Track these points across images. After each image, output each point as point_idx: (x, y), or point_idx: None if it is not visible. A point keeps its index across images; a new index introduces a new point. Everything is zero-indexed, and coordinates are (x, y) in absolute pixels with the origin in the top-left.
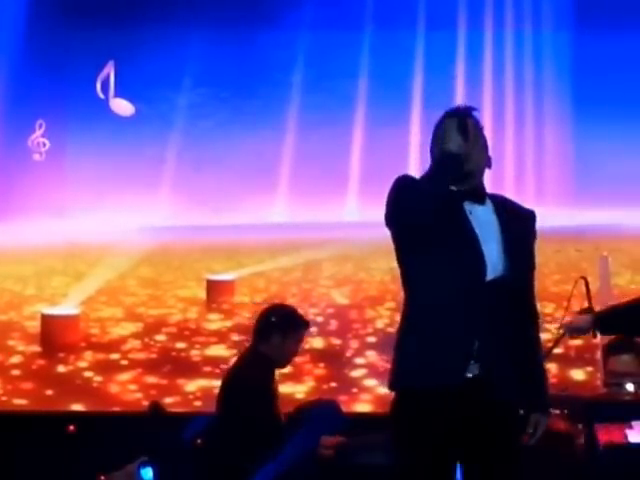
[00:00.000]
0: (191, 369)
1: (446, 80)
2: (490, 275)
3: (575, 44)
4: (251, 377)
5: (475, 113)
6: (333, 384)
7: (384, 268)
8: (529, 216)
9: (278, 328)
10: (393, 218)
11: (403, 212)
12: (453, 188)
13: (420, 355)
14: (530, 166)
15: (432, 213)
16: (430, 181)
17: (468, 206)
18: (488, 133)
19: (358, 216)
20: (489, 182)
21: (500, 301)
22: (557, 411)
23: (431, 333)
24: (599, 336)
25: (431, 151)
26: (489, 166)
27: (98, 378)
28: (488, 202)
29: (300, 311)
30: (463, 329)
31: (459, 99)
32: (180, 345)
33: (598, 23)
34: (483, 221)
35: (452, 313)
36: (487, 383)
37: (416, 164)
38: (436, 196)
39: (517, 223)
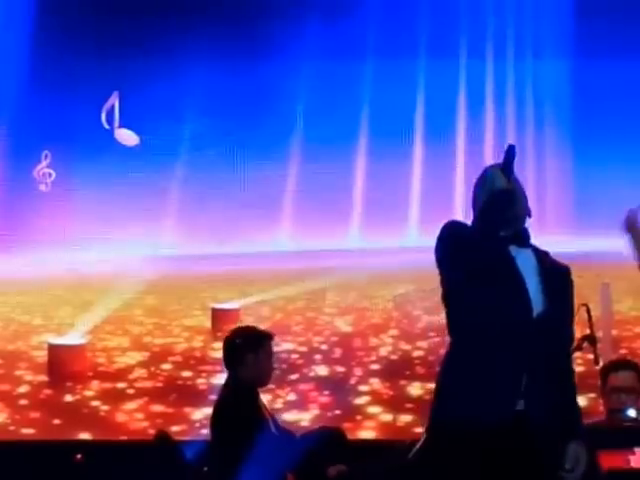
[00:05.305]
0: (197, 397)
1: (448, 110)
2: (534, 314)
3: (575, 73)
4: (236, 406)
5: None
6: (337, 411)
7: (387, 296)
8: (565, 270)
9: (246, 348)
10: (442, 263)
11: (453, 267)
12: (502, 233)
13: (468, 391)
14: (531, 193)
15: (481, 266)
16: (482, 222)
17: (513, 251)
18: (489, 161)
19: (361, 245)
20: None
21: (541, 339)
22: None
23: (480, 369)
24: (601, 363)
25: (474, 201)
26: (529, 215)
27: (105, 407)
28: (529, 248)
29: (303, 339)
30: (512, 364)
31: (461, 130)
32: (186, 374)
33: (598, 53)
34: (525, 265)
35: (500, 351)
36: (530, 418)
37: (418, 192)
38: (485, 247)
39: (555, 272)
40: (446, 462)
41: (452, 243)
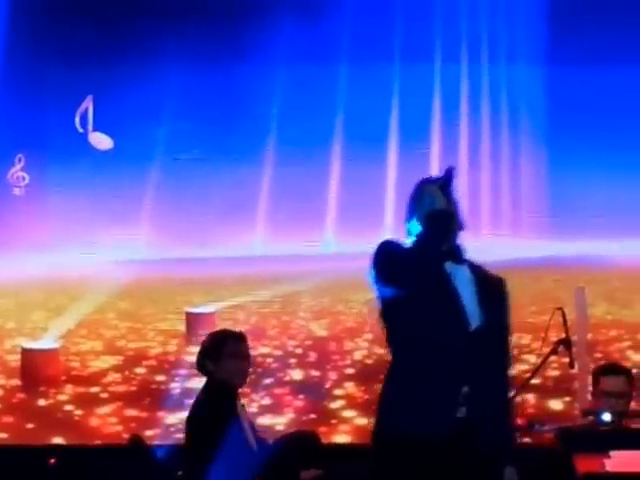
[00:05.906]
0: (171, 402)
1: (422, 115)
2: (472, 327)
3: (550, 78)
4: (205, 407)
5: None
6: (312, 415)
7: (362, 300)
8: (500, 282)
9: (205, 355)
10: (380, 282)
11: (390, 281)
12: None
13: (410, 403)
14: (506, 198)
15: (418, 283)
16: (419, 241)
17: (449, 267)
18: (464, 165)
19: (336, 249)
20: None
21: (480, 350)
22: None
23: (421, 382)
24: (576, 366)
25: (409, 217)
26: (463, 228)
27: (78, 411)
28: (465, 263)
29: (278, 343)
30: (451, 376)
31: (435, 134)
32: (160, 378)
33: (573, 58)
34: (461, 280)
35: (439, 364)
36: (473, 426)
37: (393, 197)
38: (421, 265)
39: (490, 284)
40: (395, 473)
41: (389, 261)
